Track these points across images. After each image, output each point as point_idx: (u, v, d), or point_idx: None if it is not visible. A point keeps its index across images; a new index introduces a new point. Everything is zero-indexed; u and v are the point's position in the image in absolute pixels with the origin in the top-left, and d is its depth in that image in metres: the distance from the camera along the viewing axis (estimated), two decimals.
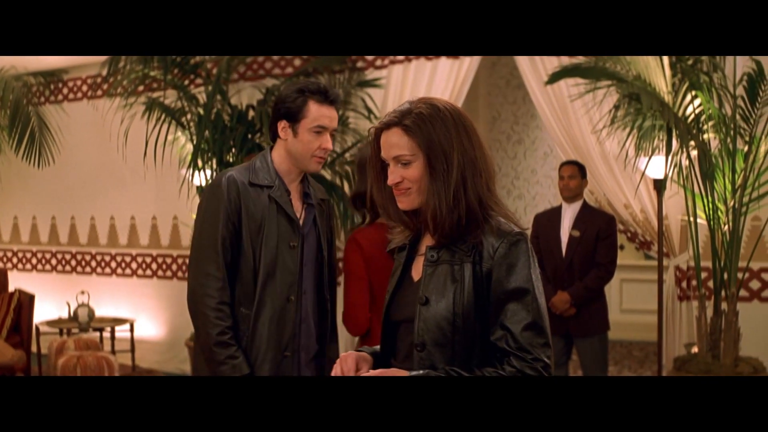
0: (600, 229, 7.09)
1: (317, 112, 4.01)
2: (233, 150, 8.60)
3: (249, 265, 4.01)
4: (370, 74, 9.27)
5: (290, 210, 4.08)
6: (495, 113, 12.97)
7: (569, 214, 7.21)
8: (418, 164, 2.72)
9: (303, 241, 4.13)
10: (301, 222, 4.12)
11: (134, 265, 11.04)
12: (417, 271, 2.84)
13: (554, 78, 6.87)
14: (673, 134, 6.59)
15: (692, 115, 6.48)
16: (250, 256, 4.01)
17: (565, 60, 8.06)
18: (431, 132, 2.69)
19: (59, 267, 11.80)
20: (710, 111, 6.48)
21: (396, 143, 2.74)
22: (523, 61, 8.54)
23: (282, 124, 4.05)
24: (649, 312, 10.73)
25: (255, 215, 4.01)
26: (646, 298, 11.19)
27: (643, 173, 7.09)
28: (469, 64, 8.78)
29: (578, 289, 6.97)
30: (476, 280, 2.66)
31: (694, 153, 6.56)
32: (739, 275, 6.73)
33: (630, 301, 11.92)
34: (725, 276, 6.61)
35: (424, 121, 2.70)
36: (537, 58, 8.43)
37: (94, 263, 11.45)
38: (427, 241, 2.83)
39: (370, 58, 9.31)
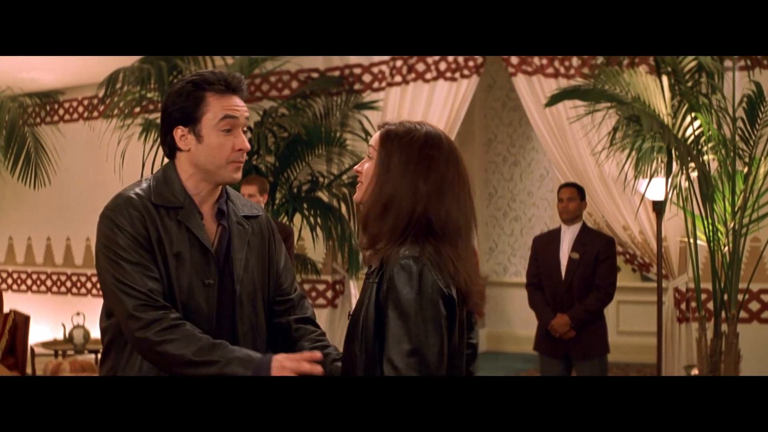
0: (599, 251, 7.06)
1: (220, 104, 3.13)
2: None
3: None
4: (368, 96, 9.27)
5: (203, 236, 3.17)
6: (491, 135, 12.98)
7: (568, 236, 7.19)
8: (374, 164, 2.85)
9: (221, 276, 3.22)
10: (214, 250, 3.22)
11: None
12: None
13: (553, 100, 6.86)
14: (673, 156, 6.59)
15: (692, 137, 6.46)
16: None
17: (564, 82, 8.08)
18: (392, 147, 2.80)
19: (54, 288, 11.76)
20: (710, 133, 6.46)
21: (374, 137, 2.91)
22: (520, 83, 8.56)
23: (179, 132, 3.13)
24: (646, 334, 10.70)
25: (164, 244, 3.10)
26: (643, 320, 11.16)
27: (643, 195, 7.08)
28: (466, 86, 8.80)
29: (578, 312, 6.94)
30: (378, 301, 2.73)
31: (693, 175, 6.54)
32: (739, 297, 6.70)
33: (627, 323, 11.88)
34: (725, 297, 6.59)
35: (397, 135, 2.83)
36: (534, 80, 8.47)
37: (89, 284, 11.40)
38: None
39: (367, 80, 9.31)
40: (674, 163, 6.65)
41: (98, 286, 11.02)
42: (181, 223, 3.15)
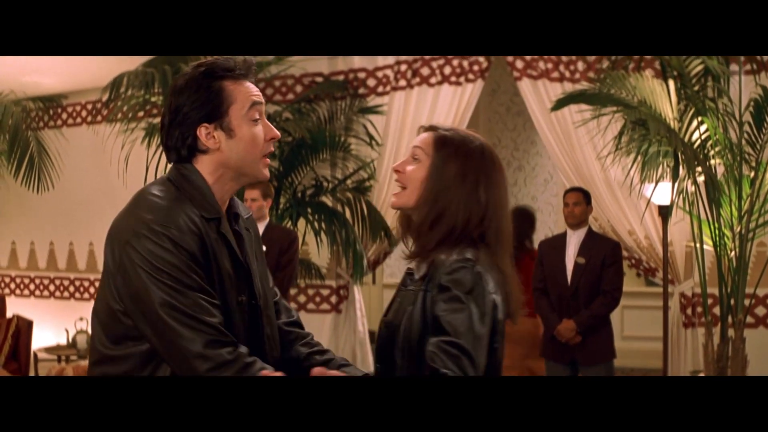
0: (605, 256, 7.03)
1: (243, 92, 2.80)
2: None
3: None
4: (372, 101, 9.25)
5: (237, 249, 2.83)
6: (495, 140, 12.94)
7: (574, 240, 7.16)
8: (423, 168, 2.81)
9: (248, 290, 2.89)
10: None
11: None
12: None
13: (559, 104, 6.84)
14: (680, 160, 6.56)
15: (698, 141, 6.43)
16: None
17: (569, 86, 8.06)
18: (448, 154, 2.79)
19: (57, 293, 11.74)
20: (716, 137, 6.44)
21: (422, 139, 2.85)
22: (525, 88, 8.54)
23: (203, 131, 2.76)
24: (650, 339, 10.68)
25: (217, 262, 2.75)
26: (648, 324, 11.13)
27: (649, 200, 7.05)
28: (471, 90, 8.78)
29: (584, 317, 6.91)
30: (424, 309, 2.69)
31: (700, 179, 6.51)
32: (746, 301, 6.67)
33: (631, 328, 11.85)
34: (732, 302, 6.56)
35: (453, 142, 2.81)
36: (540, 84, 8.45)
37: (92, 289, 11.37)
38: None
39: (372, 84, 9.29)
40: (681, 168, 6.62)
41: None
42: (221, 235, 2.78)
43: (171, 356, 2.60)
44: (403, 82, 9.10)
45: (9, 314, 9.23)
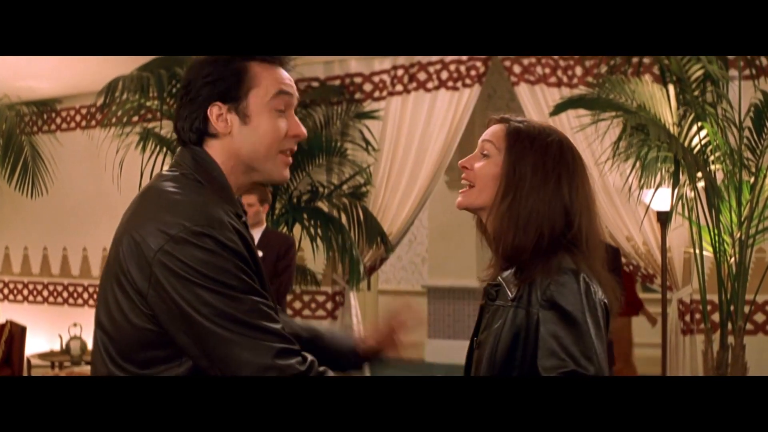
0: (605, 262, 6.99)
1: (272, 77, 2.48)
2: None
3: None
4: (368, 106, 9.21)
5: (255, 250, 2.48)
6: None
7: None
8: (493, 164, 2.59)
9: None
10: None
11: None
12: None
13: (558, 109, 6.81)
14: (680, 166, 6.52)
15: (698, 147, 6.40)
16: None
17: (566, 92, 8.03)
18: (524, 149, 2.56)
19: (51, 299, 11.67)
20: (716, 142, 6.40)
21: (492, 132, 2.63)
22: (523, 93, 8.51)
23: (215, 110, 2.43)
24: (646, 345, 10.64)
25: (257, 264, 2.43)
26: (644, 331, 11.08)
27: (648, 206, 7.01)
28: (468, 95, 8.75)
29: None
30: (515, 327, 2.47)
31: (699, 185, 6.47)
32: (745, 308, 6.64)
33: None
34: (731, 309, 6.52)
35: (529, 135, 2.58)
36: (537, 89, 8.41)
37: (86, 295, 11.32)
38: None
39: (368, 89, 9.24)
40: (681, 173, 6.58)
41: (94, 296, 11.00)
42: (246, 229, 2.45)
43: (231, 374, 2.26)
44: (399, 87, 9.06)
45: (2, 320, 9.18)
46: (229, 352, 2.24)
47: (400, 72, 9.06)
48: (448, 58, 8.83)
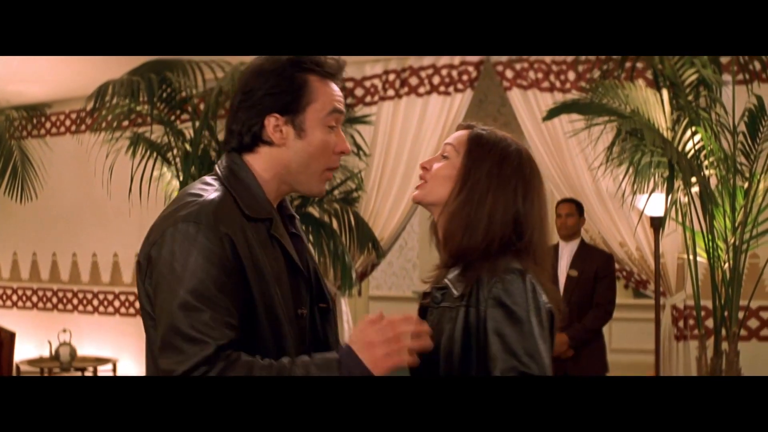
0: (598, 269, 6.99)
1: (328, 93, 2.55)
2: None
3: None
4: (360, 111, 9.16)
5: (294, 254, 2.56)
6: None
7: (567, 252, 7.11)
8: (450, 166, 2.67)
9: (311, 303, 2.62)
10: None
11: (117, 303, 10.86)
12: None
13: (552, 114, 6.76)
14: (675, 171, 6.49)
15: (692, 152, 6.37)
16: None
17: (559, 96, 8.01)
18: (483, 154, 2.64)
19: (40, 304, 11.61)
20: (710, 147, 6.37)
21: (455, 136, 2.71)
22: (515, 97, 8.48)
23: (272, 121, 2.51)
24: (639, 352, 10.63)
25: (262, 269, 2.43)
26: (636, 337, 11.09)
27: (642, 211, 6.99)
28: (460, 100, 8.71)
29: (576, 331, 6.86)
30: (467, 327, 2.52)
31: (693, 190, 6.45)
32: (739, 314, 6.61)
33: (620, 340, 11.79)
34: (725, 314, 6.49)
35: (489, 142, 2.65)
36: (530, 94, 8.38)
37: (75, 301, 11.26)
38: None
39: (359, 94, 9.20)
40: (676, 178, 6.55)
41: (84, 302, 10.95)
42: (274, 239, 2.50)
43: (154, 350, 2.40)
44: (391, 92, 9.02)
45: None
46: (148, 337, 2.45)
47: (391, 77, 9.02)
48: (440, 63, 8.80)
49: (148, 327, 2.46)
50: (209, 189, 2.49)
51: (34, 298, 11.67)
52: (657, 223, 7.13)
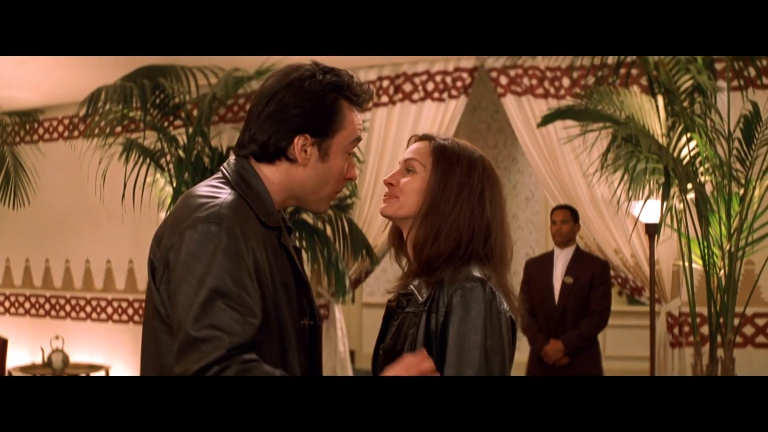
0: (594, 276, 6.97)
1: (355, 122, 2.59)
2: None
3: None
4: None
5: (300, 264, 2.61)
6: None
7: (562, 260, 7.09)
8: (419, 179, 2.68)
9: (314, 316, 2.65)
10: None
11: (110, 310, 10.82)
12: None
13: (547, 120, 6.75)
14: (671, 177, 6.47)
15: (687, 158, 6.36)
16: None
17: (554, 103, 7.99)
18: (449, 165, 2.66)
19: (33, 311, 11.56)
20: (706, 153, 6.36)
21: (416, 149, 2.72)
22: (509, 104, 8.45)
23: (301, 141, 2.51)
24: (633, 359, 10.59)
25: (275, 277, 2.46)
26: (631, 344, 11.06)
27: (637, 218, 6.97)
28: (454, 107, 8.70)
29: (572, 338, 6.84)
30: (428, 332, 2.55)
31: (689, 196, 6.43)
32: (735, 321, 6.59)
33: (614, 347, 11.76)
34: (721, 321, 6.47)
35: (454, 153, 2.68)
36: (524, 100, 8.35)
37: (68, 307, 11.22)
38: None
39: None
40: (671, 185, 6.54)
41: (77, 308, 10.90)
42: (283, 248, 2.53)
43: (175, 352, 2.32)
44: (385, 98, 9.00)
45: None
46: (159, 341, 2.44)
47: (385, 83, 9.00)
48: (434, 69, 8.79)
49: (160, 332, 2.44)
50: (221, 192, 2.47)
51: (27, 305, 11.63)
52: (652, 230, 7.11)
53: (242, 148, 2.59)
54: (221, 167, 2.60)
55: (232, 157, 2.62)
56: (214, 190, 2.48)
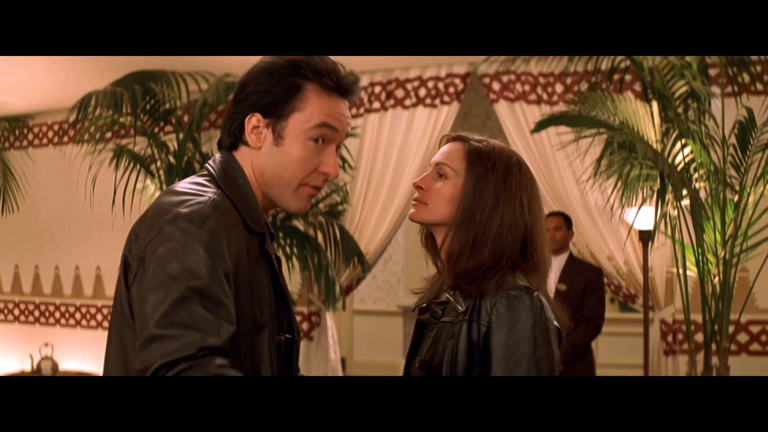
0: (587, 283, 6.94)
1: (321, 105, 2.34)
2: None
3: None
4: None
5: (281, 275, 2.46)
6: None
7: (555, 267, 7.05)
8: (451, 185, 2.57)
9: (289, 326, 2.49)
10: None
11: (99, 317, 10.76)
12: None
13: (540, 126, 6.71)
14: (666, 183, 6.44)
15: (681, 164, 6.33)
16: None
17: (546, 109, 7.96)
18: (487, 170, 2.54)
19: (22, 317, 11.50)
20: (700, 160, 6.33)
21: (447, 152, 2.60)
22: (502, 110, 8.43)
23: (253, 121, 2.35)
24: (626, 366, 10.55)
25: (252, 284, 2.30)
26: (623, 352, 11.02)
27: (632, 225, 6.94)
28: (447, 113, 8.67)
29: (565, 346, 6.77)
30: (470, 342, 2.44)
31: (684, 203, 6.40)
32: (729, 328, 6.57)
33: (606, 355, 11.72)
34: (715, 329, 6.44)
35: (490, 157, 2.55)
36: (516, 106, 8.33)
37: (58, 314, 11.16)
38: (443, 295, 2.62)
39: None
40: (666, 191, 6.50)
41: (66, 315, 10.85)
42: (265, 256, 2.37)
43: (136, 355, 2.12)
44: (377, 104, 8.96)
45: None
46: (122, 339, 2.27)
47: (377, 89, 8.97)
48: (426, 75, 8.76)
49: (125, 335, 2.28)
50: (207, 190, 2.31)
51: (16, 311, 11.57)
52: (646, 237, 7.08)
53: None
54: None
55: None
56: (199, 188, 2.31)
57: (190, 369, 2.03)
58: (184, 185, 2.34)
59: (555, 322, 2.46)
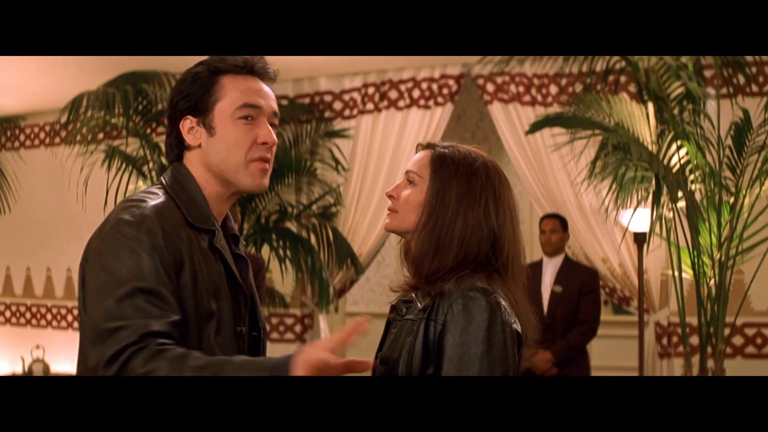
0: (583, 285, 6.92)
1: (238, 89, 2.50)
2: None
3: None
4: (338, 124, 9.09)
5: (235, 269, 2.55)
6: None
7: (551, 269, 7.04)
8: (418, 191, 2.60)
9: (250, 321, 2.63)
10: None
11: None
12: None
13: (535, 127, 6.70)
14: (661, 185, 6.42)
15: (677, 166, 6.30)
16: None
17: (541, 110, 7.94)
18: (449, 174, 2.56)
19: (13, 320, 11.46)
20: (696, 161, 6.30)
21: (417, 160, 2.64)
22: (496, 111, 8.40)
23: (186, 124, 2.51)
24: (620, 369, 10.51)
25: (202, 281, 2.41)
26: (617, 354, 10.99)
27: (627, 227, 6.92)
28: (440, 114, 8.65)
29: (561, 348, 6.78)
30: (426, 340, 2.47)
31: (679, 205, 6.37)
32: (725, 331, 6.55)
33: (600, 357, 11.69)
34: (711, 331, 6.42)
35: (454, 161, 2.58)
36: (511, 108, 8.30)
37: (49, 316, 11.12)
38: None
39: (338, 108, 9.12)
40: (661, 193, 6.48)
41: (58, 317, 10.80)
42: (216, 251, 2.48)
43: (84, 352, 2.35)
44: (370, 106, 8.94)
45: None
46: (84, 326, 2.35)
47: (370, 90, 8.94)
48: (420, 76, 8.73)
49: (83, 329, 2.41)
50: (153, 196, 2.46)
51: (7, 313, 11.53)
52: (641, 239, 7.06)
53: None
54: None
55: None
56: (147, 195, 2.47)
57: (135, 354, 2.17)
58: (137, 194, 2.50)
59: (515, 325, 2.46)
